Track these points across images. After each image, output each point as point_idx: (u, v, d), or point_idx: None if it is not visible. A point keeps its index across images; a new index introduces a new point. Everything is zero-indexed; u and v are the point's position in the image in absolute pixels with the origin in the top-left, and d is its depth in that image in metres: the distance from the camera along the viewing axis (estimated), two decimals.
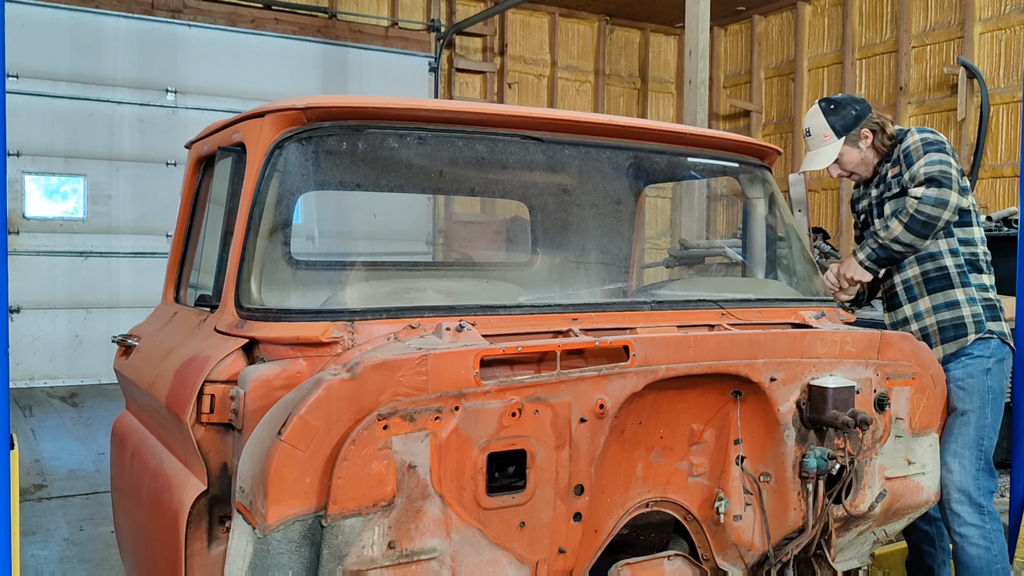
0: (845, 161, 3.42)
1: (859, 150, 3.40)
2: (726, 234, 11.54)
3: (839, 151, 3.39)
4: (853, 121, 3.36)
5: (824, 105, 3.43)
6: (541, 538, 2.31)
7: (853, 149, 3.39)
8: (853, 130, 3.36)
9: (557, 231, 4.24)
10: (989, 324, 3.25)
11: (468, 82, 12.82)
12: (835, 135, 3.37)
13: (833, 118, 3.38)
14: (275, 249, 2.68)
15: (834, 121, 3.37)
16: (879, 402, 2.81)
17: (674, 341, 2.46)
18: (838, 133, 3.37)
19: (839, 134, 3.37)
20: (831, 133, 3.38)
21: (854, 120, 3.36)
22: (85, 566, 4.39)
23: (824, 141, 3.40)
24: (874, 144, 3.38)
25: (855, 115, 3.36)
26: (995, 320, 3.28)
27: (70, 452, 6.63)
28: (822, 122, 3.39)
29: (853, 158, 3.41)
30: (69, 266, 9.98)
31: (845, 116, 3.37)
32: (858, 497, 2.82)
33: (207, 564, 2.32)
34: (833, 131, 3.37)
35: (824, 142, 3.40)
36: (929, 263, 3.30)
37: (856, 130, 3.37)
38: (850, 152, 3.40)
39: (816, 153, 3.44)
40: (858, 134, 3.37)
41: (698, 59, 7.73)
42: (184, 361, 2.51)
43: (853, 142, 3.38)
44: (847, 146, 3.38)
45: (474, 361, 2.17)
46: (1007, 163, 10.16)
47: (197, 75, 10.57)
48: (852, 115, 3.36)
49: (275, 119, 2.52)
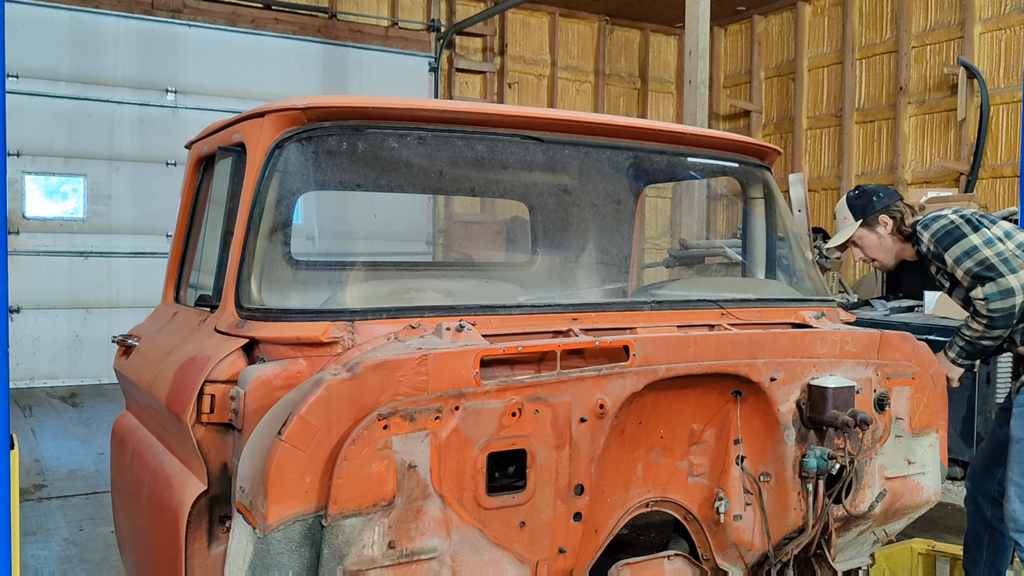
0: (864, 244, 3.56)
1: (876, 235, 3.51)
2: (726, 234, 11.55)
3: (854, 233, 3.54)
4: (872, 207, 3.49)
5: (852, 192, 3.61)
6: (541, 538, 2.31)
7: (870, 233, 3.52)
8: (871, 215, 3.49)
9: (557, 231, 4.24)
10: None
11: (468, 82, 12.83)
12: (853, 218, 3.54)
13: (854, 201, 3.55)
14: (275, 249, 2.68)
15: (855, 205, 3.54)
16: (879, 402, 2.81)
17: (674, 341, 2.46)
18: (855, 215, 3.53)
19: (856, 216, 3.53)
20: (849, 216, 3.55)
21: (874, 206, 3.49)
22: (85, 566, 4.39)
23: (844, 223, 3.59)
24: (895, 231, 3.49)
25: (875, 201, 3.49)
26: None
27: (70, 452, 6.63)
28: (844, 206, 3.58)
29: (871, 242, 3.54)
30: (69, 266, 9.98)
31: (865, 201, 3.52)
32: (858, 497, 2.82)
33: (207, 564, 2.32)
34: (851, 213, 3.54)
35: (844, 224, 3.59)
36: None
37: (874, 215, 3.49)
38: (867, 236, 3.53)
39: (837, 233, 3.64)
40: (875, 219, 3.49)
41: (698, 59, 7.74)
42: (184, 361, 2.51)
43: (870, 226, 3.51)
44: (864, 229, 3.51)
45: (474, 361, 2.17)
46: (1007, 163, 10.16)
47: (197, 75, 10.57)
48: (872, 201, 3.50)
49: (275, 119, 2.52)
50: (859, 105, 11.88)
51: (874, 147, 11.73)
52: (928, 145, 11.06)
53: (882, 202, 3.50)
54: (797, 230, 3.37)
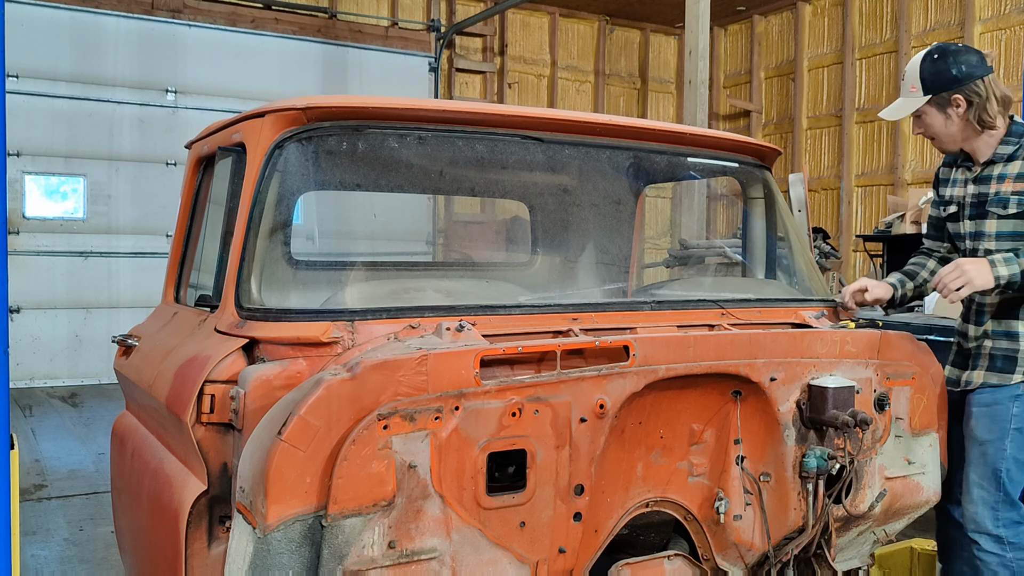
0: (927, 123, 2.95)
1: (945, 116, 2.90)
2: (726, 234, 11.55)
3: (918, 109, 2.92)
4: (948, 81, 2.84)
5: (931, 50, 2.92)
6: (541, 538, 2.31)
7: (939, 113, 2.90)
8: (944, 92, 2.86)
9: (557, 231, 4.24)
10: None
11: (468, 82, 12.83)
12: (921, 90, 2.89)
13: (928, 68, 2.87)
14: (275, 249, 2.68)
15: (928, 72, 2.87)
16: (879, 402, 2.81)
17: (674, 341, 2.46)
18: (925, 89, 2.88)
19: (926, 90, 2.88)
20: (918, 85, 2.89)
21: (950, 80, 2.84)
22: (85, 566, 4.39)
23: (910, 92, 2.93)
24: (968, 117, 2.87)
25: (954, 74, 2.83)
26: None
27: (70, 452, 6.63)
28: (916, 69, 2.91)
29: (936, 122, 2.93)
30: (69, 266, 9.98)
31: (941, 71, 2.85)
32: (858, 497, 2.82)
33: (207, 564, 2.32)
34: (921, 84, 2.88)
35: (910, 93, 2.93)
36: None
37: (948, 93, 2.86)
38: (934, 115, 2.91)
39: (898, 102, 3.00)
40: (948, 98, 2.87)
41: (698, 59, 7.74)
42: (184, 361, 2.51)
43: (940, 106, 2.89)
44: (930, 106, 2.90)
45: (474, 361, 2.17)
46: None
47: (197, 75, 10.57)
48: (950, 73, 2.84)
49: (275, 119, 2.52)
50: (859, 105, 11.88)
51: (874, 147, 11.73)
52: (928, 145, 11.03)
53: (964, 77, 2.84)
54: (797, 230, 3.37)
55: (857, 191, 11.96)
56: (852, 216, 11.97)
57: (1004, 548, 2.95)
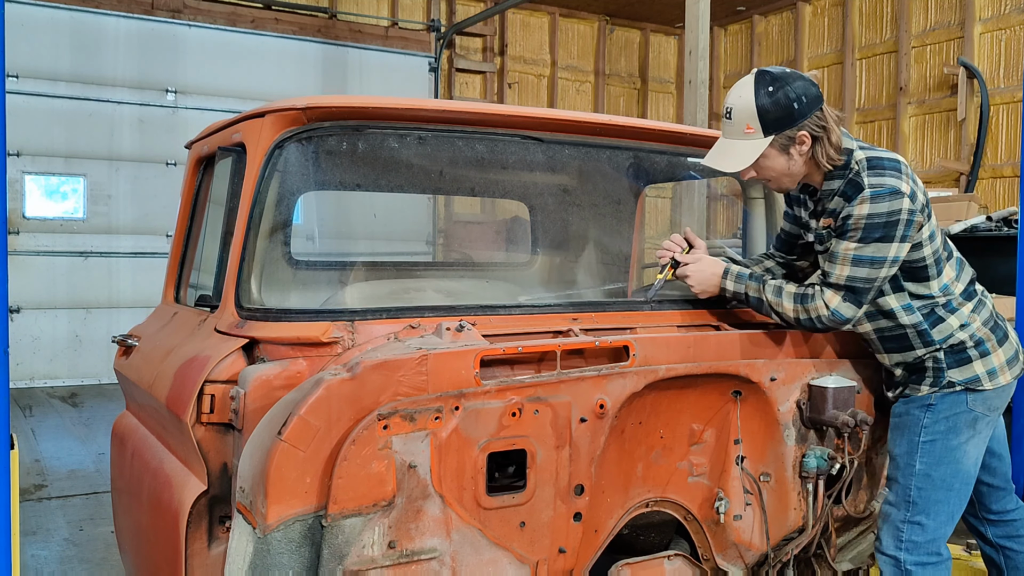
0: (764, 165, 2.58)
1: (788, 157, 2.55)
2: (726, 234, 11.54)
3: (761, 153, 2.54)
4: (791, 119, 2.49)
5: (760, 82, 2.51)
6: (541, 538, 2.31)
7: (780, 155, 2.55)
8: (787, 130, 2.50)
9: (557, 231, 4.24)
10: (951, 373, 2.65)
11: (468, 82, 12.82)
12: (760, 131, 2.50)
13: (766, 104, 2.48)
14: (275, 249, 2.68)
15: (766, 110, 2.49)
16: (879, 402, 2.81)
17: (674, 341, 2.46)
18: (766, 128, 2.50)
19: (767, 130, 2.50)
20: (756, 127, 2.50)
21: (793, 117, 2.49)
22: (85, 566, 4.39)
23: (745, 134, 2.53)
24: (813, 154, 2.55)
25: (797, 110, 2.48)
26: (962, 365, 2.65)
27: (70, 452, 6.63)
28: (750, 109, 2.50)
29: (777, 166, 2.57)
30: (69, 266, 9.98)
31: (781, 108, 2.48)
32: (858, 497, 2.82)
33: (207, 564, 2.32)
34: (760, 125, 2.50)
35: (745, 135, 2.53)
36: (883, 320, 2.68)
37: (792, 130, 2.50)
38: (775, 158, 2.55)
39: (731, 147, 2.57)
40: (792, 136, 2.51)
41: (698, 59, 7.73)
42: (184, 361, 2.51)
43: (783, 146, 2.53)
44: (772, 148, 2.53)
45: (474, 361, 2.17)
46: (1007, 163, 10.15)
47: (197, 75, 10.56)
48: (793, 109, 2.48)
49: (275, 119, 2.52)
50: (859, 105, 11.88)
51: None
52: (928, 145, 11.05)
53: (804, 110, 2.48)
54: None
55: None
56: None
57: (900, 573, 2.64)
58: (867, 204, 2.48)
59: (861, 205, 2.48)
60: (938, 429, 2.65)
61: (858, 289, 2.53)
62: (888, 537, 2.68)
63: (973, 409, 2.66)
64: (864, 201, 2.48)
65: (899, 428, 2.72)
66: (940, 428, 2.65)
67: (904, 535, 2.65)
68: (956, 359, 2.65)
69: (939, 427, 2.65)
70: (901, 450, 2.69)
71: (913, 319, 2.64)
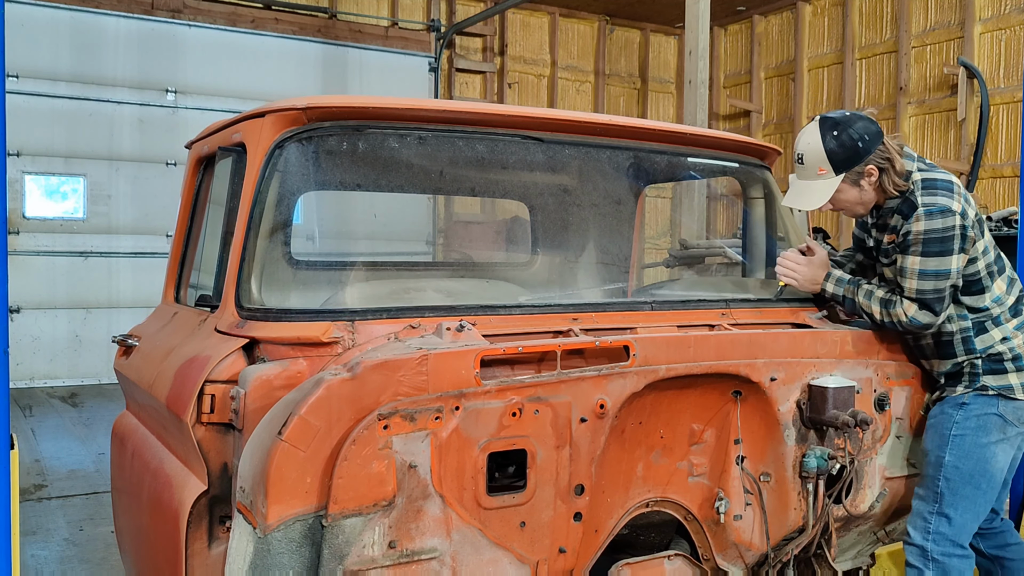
0: (839, 199, 2.85)
1: (859, 189, 2.82)
2: (726, 234, 11.54)
3: (836, 190, 2.81)
4: (858, 156, 2.76)
5: (825, 128, 2.79)
6: (541, 538, 2.31)
7: (852, 188, 2.82)
8: (856, 166, 2.77)
9: (557, 231, 4.24)
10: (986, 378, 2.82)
11: (468, 82, 12.82)
12: (832, 170, 2.77)
13: (834, 147, 2.76)
14: (275, 249, 2.68)
15: (834, 152, 2.76)
16: (879, 402, 2.81)
17: (674, 341, 2.46)
18: (836, 168, 2.77)
19: (837, 169, 2.77)
20: (828, 168, 2.77)
21: (860, 154, 2.76)
22: (85, 566, 4.39)
23: (818, 175, 2.80)
24: (880, 184, 2.80)
25: (862, 148, 2.75)
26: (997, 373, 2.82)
27: (70, 452, 6.63)
28: (819, 153, 2.78)
29: (850, 198, 2.85)
30: (69, 266, 9.98)
31: (848, 148, 2.76)
32: (858, 497, 2.82)
33: (207, 564, 2.32)
34: (831, 165, 2.77)
35: (818, 176, 2.80)
36: None
37: (861, 166, 2.77)
38: (848, 191, 2.82)
39: (807, 187, 2.85)
40: (861, 171, 2.78)
41: (698, 59, 7.73)
42: (184, 361, 2.51)
43: (854, 180, 2.80)
44: (845, 184, 2.80)
45: (474, 361, 2.17)
46: (1007, 163, 10.16)
47: (197, 75, 10.56)
48: (858, 147, 2.75)
49: (275, 119, 2.52)
50: (859, 105, 11.87)
51: None
52: (928, 145, 11.05)
53: (869, 147, 2.75)
54: (797, 230, 3.37)
55: None
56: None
57: (926, 562, 2.80)
58: (922, 221, 2.73)
59: (917, 223, 2.74)
60: (968, 425, 2.81)
61: (929, 300, 2.75)
62: (916, 528, 2.84)
63: (1003, 415, 2.82)
64: (919, 219, 2.74)
65: (933, 426, 2.88)
66: (971, 425, 2.81)
67: (932, 526, 2.81)
68: (992, 367, 2.84)
69: (970, 423, 2.81)
70: (932, 444, 2.85)
71: (962, 326, 2.85)
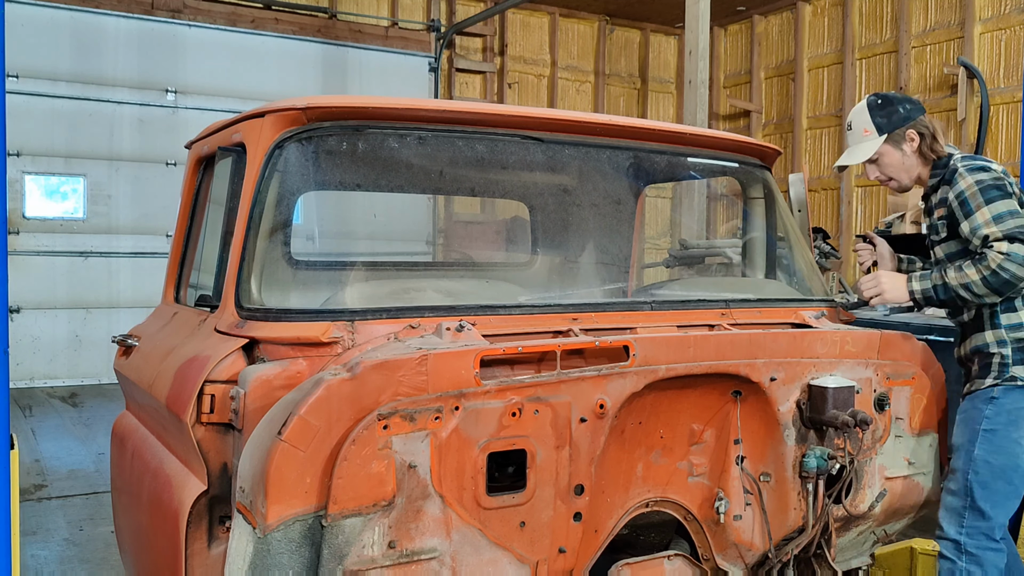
0: (884, 163, 3.13)
1: (901, 152, 3.10)
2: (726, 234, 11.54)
3: (877, 149, 3.10)
4: (900, 120, 3.08)
5: (872, 99, 3.15)
6: (541, 538, 2.31)
7: (895, 150, 3.10)
8: (898, 129, 3.08)
9: (557, 231, 4.24)
10: (1015, 369, 2.92)
11: (468, 82, 12.82)
12: (876, 131, 3.10)
13: (878, 113, 3.10)
14: (275, 249, 2.68)
15: (878, 117, 3.09)
16: (879, 402, 2.81)
17: (674, 341, 2.46)
18: (880, 129, 3.09)
19: (881, 131, 3.09)
20: (872, 129, 3.10)
21: (901, 119, 3.08)
22: (85, 566, 4.39)
23: (864, 136, 3.13)
24: (920, 149, 3.09)
25: (903, 114, 3.08)
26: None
27: (70, 452, 6.63)
28: (865, 117, 3.12)
29: (893, 160, 3.12)
30: (69, 266, 9.98)
31: (891, 113, 3.09)
32: (858, 497, 2.82)
33: (207, 564, 2.32)
34: (875, 127, 3.10)
35: (864, 137, 3.13)
36: None
37: (901, 129, 3.08)
38: (891, 153, 3.11)
39: (853, 148, 3.18)
40: (902, 134, 3.08)
41: (698, 59, 7.74)
42: (184, 361, 2.51)
43: (896, 142, 3.09)
44: (888, 145, 3.10)
45: (474, 361, 2.17)
46: (1007, 163, 10.15)
47: (197, 75, 10.56)
48: (900, 113, 3.08)
49: (275, 119, 2.52)
50: None
51: None
52: None
53: (910, 115, 3.08)
54: (797, 230, 3.37)
55: (857, 191, 11.95)
56: (852, 216, 11.97)
57: (959, 555, 2.88)
58: (966, 177, 2.92)
59: (962, 179, 2.93)
60: (999, 420, 2.89)
61: (1014, 234, 2.78)
62: (950, 522, 2.91)
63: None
64: (962, 176, 2.93)
65: (963, 421, 2.97)
66: (1001, 420, 2.89)
67: (966, 520, 2.88)
68: (1021, 356, 2.92)
69: (1000, 419, 2.89)
70: (963, 439, 2.93)
71: None
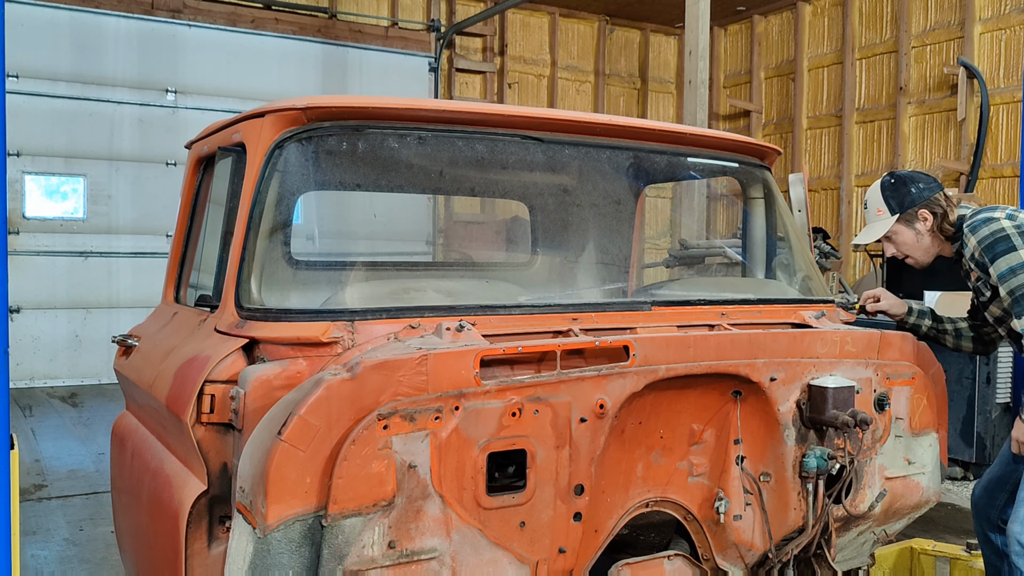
0: (898, 241, 3.24)
1: (915, 231, 3.19)
2: (726, 234, 11.54)
3: (890, 228, 3.20)
4: (911, 200, 3.16)
5: (886, 179, 3.26)
6: (541, 538, 2.31)
7: (908, 229, 3.19)
8: (909, 209, 3.16)
9: (557, 231, 4.24)
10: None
11: (468, 82, 12.83)
12: (888, 211, 3.19)
13: (890, 194, 3.20)
14: (275, 249, 2.68)
15: (890, 197, 3.19)
16: (879, 402, 2.81)
17: (674, 341, 2.46)
18: (892, 210, 3.19)
19: (892, 211, 3.18)
20: (884, 209, 3.20)
21: (913, 199, 3.15)
22: (85, 566, 4.39)
23: (877, 216, 3.23)
24: (934, 228, 3.17)
25: (915, 194, 3.16)
26: None
27: (70, 452, 6.63)
28: (878, 196, 3.23)
29: (907, 238, 3.21)
30: (69, 266, 9.98)
31: (903, 194, 3.17)
32: (858, 497, 2.82)
33: (207, 564, 2.32)
34: (887, 207, 3.19)
35: (877, 217, 3.23)
36: None
37: (913, 210, 3.16)
38: (904, 232, 3.20)
39: (869, 227, 3.29)
40: (914, 214, 3.16)
41: (698, 59, 7.74)
42: (184, 361, 2.51)
43: (908, 222, 3.18)
44: (900, 224, 3.19)
45: (474, 361, 2.17)
46: (1007, 163, 10.16)
47: (197, 75, 10.57)
48: (912, 193, 3.16)
49: (275, 119, 2.52)
50: (859, 105, 11.88)
51: (874, 147, 11.73)
52: (928, 145, 11.06)
53: (922, 194, 3.15)
54: (797, 230, 3.37)
55: (857, 191, 11.96)
56: (852, 216, 11.97)
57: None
58: (972, 236, 3.04)
59: (968, 239, 3.05)
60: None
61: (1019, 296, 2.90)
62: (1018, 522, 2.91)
63: None
64: (968, 236, 3.05)
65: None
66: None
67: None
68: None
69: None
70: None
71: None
